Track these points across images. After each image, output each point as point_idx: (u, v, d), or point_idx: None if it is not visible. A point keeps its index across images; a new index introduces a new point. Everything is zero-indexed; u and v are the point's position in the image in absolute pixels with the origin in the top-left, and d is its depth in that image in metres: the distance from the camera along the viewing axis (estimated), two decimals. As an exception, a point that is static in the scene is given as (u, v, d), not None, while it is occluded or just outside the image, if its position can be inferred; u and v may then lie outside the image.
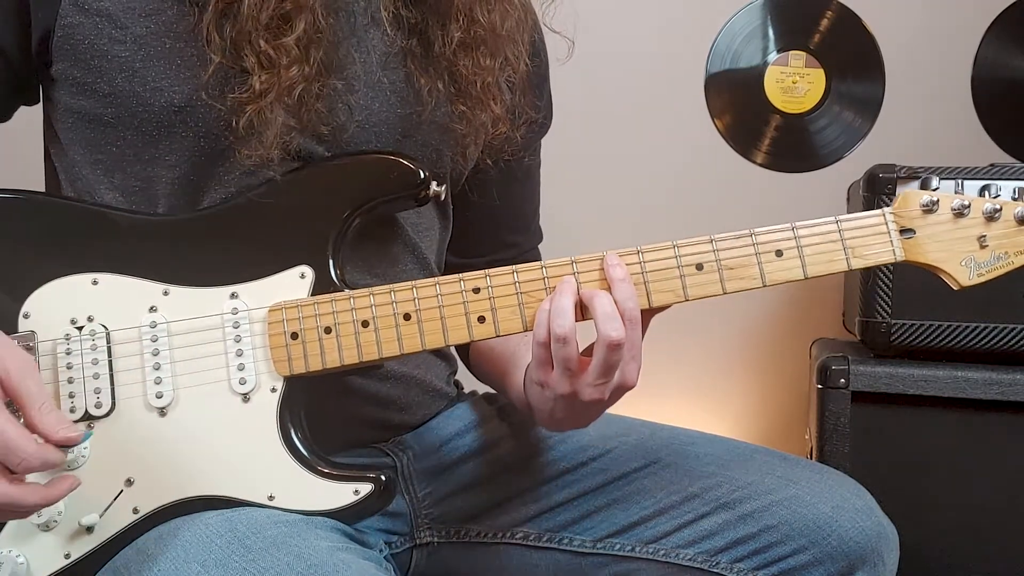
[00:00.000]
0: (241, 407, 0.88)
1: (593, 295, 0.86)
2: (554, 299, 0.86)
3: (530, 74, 1.08)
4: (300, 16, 0.88)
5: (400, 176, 0.93)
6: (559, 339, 0.84)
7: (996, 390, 1.37)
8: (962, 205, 0.90)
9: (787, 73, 1.95)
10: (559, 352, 0.85)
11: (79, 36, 0.89)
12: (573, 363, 0.85)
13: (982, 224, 0.90)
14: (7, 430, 0.76)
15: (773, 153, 1.96)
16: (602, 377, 0.85)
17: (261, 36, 0.87)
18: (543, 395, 0.89)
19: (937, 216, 0.90)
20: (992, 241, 0.90)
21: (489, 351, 1.11)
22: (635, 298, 0.86)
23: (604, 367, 0.85)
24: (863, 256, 0.90)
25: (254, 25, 0.87)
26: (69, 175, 0.96)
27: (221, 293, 0.89)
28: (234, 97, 0.88)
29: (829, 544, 0.95)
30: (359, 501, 0.87)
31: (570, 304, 0.85)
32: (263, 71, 0.87)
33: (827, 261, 0.89)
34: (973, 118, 1.91)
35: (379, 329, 0.88)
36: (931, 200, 0.90)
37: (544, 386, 0.88)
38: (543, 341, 0.86)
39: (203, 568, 0.79)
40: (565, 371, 0.85)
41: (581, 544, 1.04)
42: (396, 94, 0.98)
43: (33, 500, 0.79)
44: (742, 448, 1.07)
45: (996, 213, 0.89)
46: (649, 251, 0.89)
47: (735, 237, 0.89)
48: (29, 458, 0.76)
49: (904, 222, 0.90)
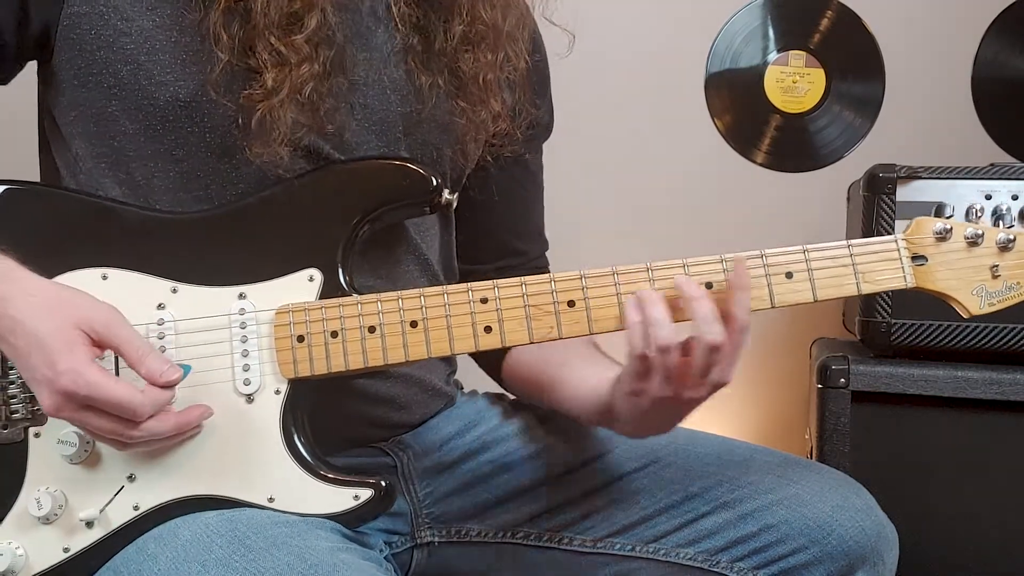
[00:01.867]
0: (245, 408, 0.88)
1: (691, 296, 0.85)
2: (647, 310, 0.85)
3: (530, 72, 1.08)
4: (310, 14, 0.88)
5: (412, 183, 0.93)
6: (662, 349, 0.84)
7: (996, 390, 1.37)
8: (975, 234, 0.90)
9: (787, 73, 1.95)
10: (660, 361, 0.85)
11: (85, 26, 0.89)
12: (675, 370, 0.85)
13: (995, 254, 0.90)
14: (115, 391, 0.78)
15: (773, 153, 1.96)
16: (702, 378, 0.85)
17: (272, 34, 0.87)
18: (638, 404, 0.89)
19: (950, 244, 0.90)
20: (1004, 271, 0.90)
21: (529, 367, 1.10)
22: (746, 305, 0.86)
23: (704, 368, 0.85)
24: (874, 281, 0.90)
25: (266, 23, 0.87)
26: (71, 169, 0.96)
27: (229, 293, 0.89)
28: (247, 94, 0.88)
29: (829, 543, 0.95)
30: (359, 506, 0.88)
31: (665, 313, 0.85)
32: (275, 68, 0.87)
33: (837, 285, 0.89)
34: (973, 118, 1.91)
35: (385, 336, 0.88)
36: (944, 228, 0.90)
37: (640, 395, 0.88)
38: (640, 353, 0.85)
39: (204, 568, 0.79)
40: (666, 378, 0.85)
41: (581, 544, 1.04)
42: (396, 92, 0.98)
43: (170, 427, 0.82)
44: (742, 448, 1.07)
45: (1010, 243, 0.90)
46: (658, 268, 0.88)
47: (745, 257, 0.88)
48: (141, 409, 0.79)
49: (916, 249, 0.90)
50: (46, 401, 0.79)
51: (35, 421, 0.86)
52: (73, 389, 0.77)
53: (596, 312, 0.89)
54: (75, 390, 0.77)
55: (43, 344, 0.77)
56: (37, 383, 0.79)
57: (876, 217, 1.40)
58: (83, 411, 0.79)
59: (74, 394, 0.77)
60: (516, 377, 1.13)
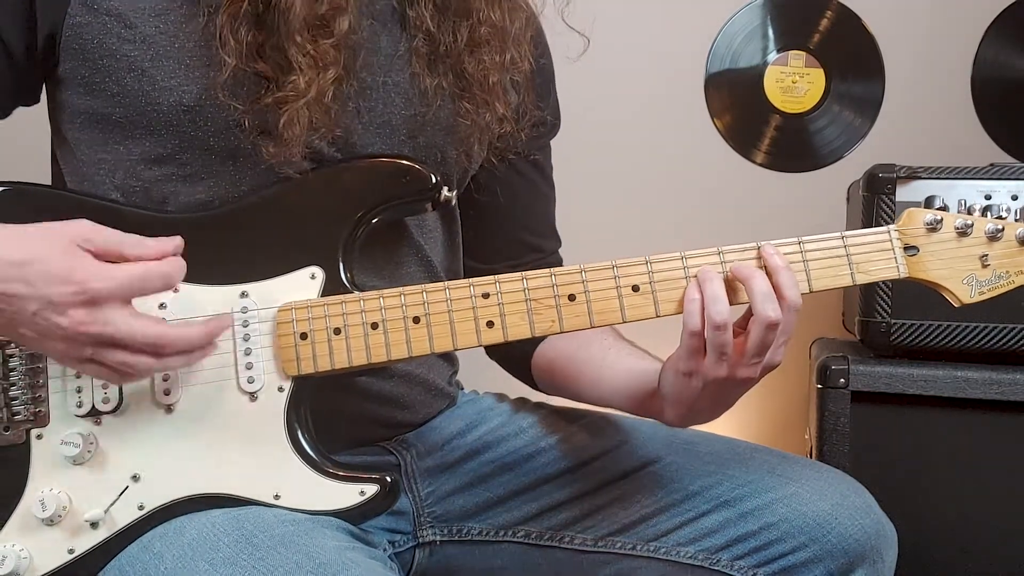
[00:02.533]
0: (248, 406, 0.88)
1: (749, 275, 0.86)
2: (705, 287, 0.86)
3: (534, 73, 1.08)
4: (338, 18, 0.89)
5: (412, 181, 0.93)
6: (717, 326, 0.85)
7: (996, 390, 1.37)
8: (965, 224, 0.91)
9: (787, 73, 1.95)
10: (716, 339, 0.85)
11: (88, 35, 0.89)
12: (730, 347, 0.86)
13: (984, 243, 0.92)
14: (147, 329, 0.78)
15: (773, 153, 1.96)
16: (757, 356, 0.86)
17: (305, 37, 0.88)
18: (690, 385, 0.89)
19: (940, 235, 0.92)
20: (994, 260, 0.92)
21: (563, 358, 1.10)
22: (797, 286, 0.87)
23: (760, 346, 0.86)
24: (867, 272, 0.91)
25: (298, 26, 0.87)
26: (76, 175, 0.96)
27: (231, 292, 0.89)
28: (279, 96, 0.88)
29: (829, 542, 0.95)
30: (364, 502, 0.88)
31: (723, 290, 0.86)
32: (310, 71, 0.87)
33: (832, 276, 0.91)
34: (973, 118, 1.91)
35: (388, 331, 0.89)
36: (935, 219, 0.91)
37: (693, 375, 0.88)
38: (696, 330, 0.86)
39: (211, 566, 0.79)
40: (720, 356, 0.86)
41: (582, 542, 1.04)
42: (401, 95, 0.98)
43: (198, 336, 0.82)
44: (742, 447, 1.07)
45: (998, 233, 0.91)
46: (657, 260, 0.89)
47: (741, 250, 0.89)
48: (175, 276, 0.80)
49: (908, 239, 0.92)
50: (72, 317, 0.75)
51: (37, 423, 0.87)
52: (102, 287, 0.76)
53: (596, 305, 0.89)
54: (105, 287, 0.76)
55: (49, 270, 0.76)
56: (54, 308, 0.76)
57: (876, 217, 1.40)
58: (112, 321, 0.76)
59: (105, 294, 0.76)
60: (548, 369, 1.13)
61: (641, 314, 0.90)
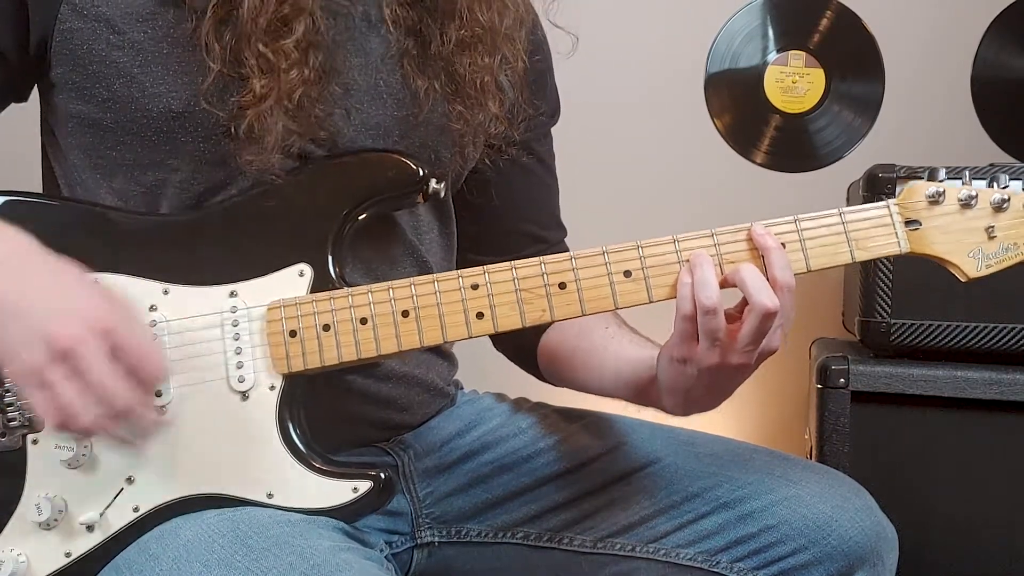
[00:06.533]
0: (240, 405, 0.88)
1: (739, 269, 0.86)
2: (695, 272, 0.85)
3: (528, 72, 1.07)
4: (299, 19, 0.88)
5: (398, 174, 0.93)
6: (707, 311, 0.84)
7: (996, 390, 1.37)
8: (969, 196, 0.88)
9: (787, 73, 1.95)
10: (707, 324, 0.84)
11: (77, 41, 0.89)
12: (722, 333, 0.85)
13: (990, 215, 0.88)
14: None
15: (773, 153, 1.96)
16: (752, 344, 0.85)
17: (260, 40, 0.87)
18: (684, 372, 0.89)
19: (943, 207, 0.89)
20: (1000, 232, 0.88)
21: (567, 346, 1.10)
22: (790, 266, 0.86)
23: (756, 334, 0.85)
24: (867, 248, 0.89)
25: (253, 29, 0.86)
26: (69, 180, 0.96)
27: (220, 291, 0.89)
28: (235, 101, 0.88)
29: (829, 544, 0.95)
30: (358, 499, 0.87)
31: (713, 275, 0.85)
32: (263, 75, 0.87)
33: (831, 254, 0.88)
34: (973, 118, 1.91)
35: (377, 327, 0.88)
36: (937, 191, 0.88)
37: (687, 362, 0.88)
38: (688, 315, 0.85)
39: (206, 568, 0.79)
40: (713, 342, 0.85)
41: (581, 544, 1.04)
42: (392, 97, 0.98)
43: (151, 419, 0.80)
44: (742, 448, 1.07)
45: (1004, 203, 0.88)
46: (648, 245, 0.89)
47: (735, 231, 0.88)
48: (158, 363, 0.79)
49: (909, 214, 0.89)
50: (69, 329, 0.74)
51: (32, 428, 0.86)
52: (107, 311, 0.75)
53: (588, 292, 0.88)
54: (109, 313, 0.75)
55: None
56: (56, 314, 0.75)
57: (876, 217, 1.40)
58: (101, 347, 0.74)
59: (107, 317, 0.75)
60: (551, 360, 1.12)
61: (634, 300, 0.89)
